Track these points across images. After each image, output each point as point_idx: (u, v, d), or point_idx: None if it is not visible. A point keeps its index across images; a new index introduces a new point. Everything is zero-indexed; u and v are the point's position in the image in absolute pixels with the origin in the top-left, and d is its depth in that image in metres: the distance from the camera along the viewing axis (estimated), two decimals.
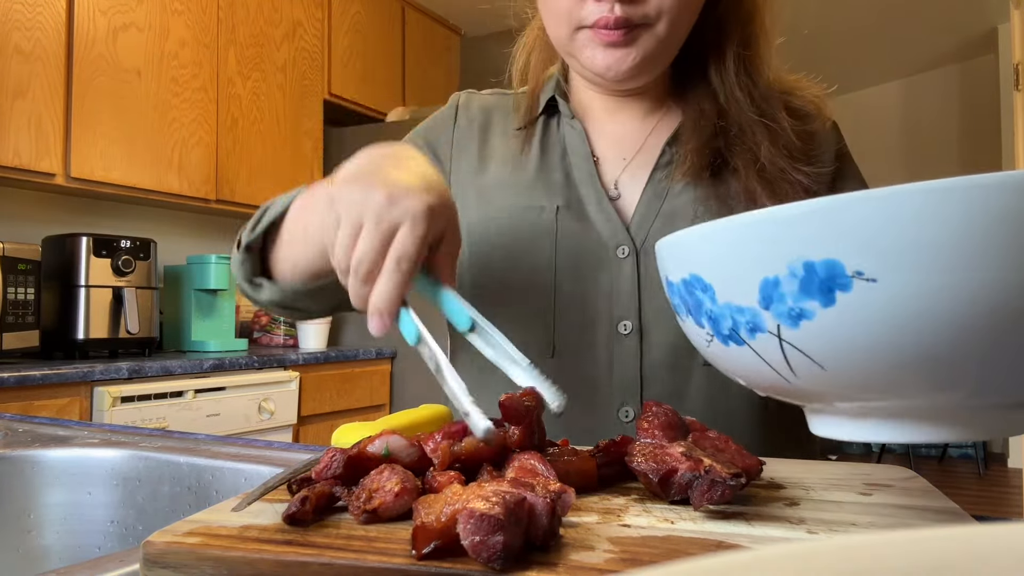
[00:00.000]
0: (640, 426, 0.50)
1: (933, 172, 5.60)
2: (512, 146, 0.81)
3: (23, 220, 2.41)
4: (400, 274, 0.49)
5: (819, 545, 0.15)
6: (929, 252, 0.27)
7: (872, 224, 0.28)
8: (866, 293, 0.28)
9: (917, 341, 0.28)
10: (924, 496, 0.47)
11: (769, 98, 0.75)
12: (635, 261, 0.73)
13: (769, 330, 0.31)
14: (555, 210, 0.75)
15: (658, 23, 0.68)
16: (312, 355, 2.60)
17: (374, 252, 0.49)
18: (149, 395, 2.03)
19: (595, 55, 0.70)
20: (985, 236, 0.27)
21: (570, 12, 0.69)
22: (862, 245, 0.28)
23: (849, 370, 0.30)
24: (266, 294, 0.71)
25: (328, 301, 0.73)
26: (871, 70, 5.47)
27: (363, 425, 0.60)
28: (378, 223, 0.49)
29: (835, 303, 0.29)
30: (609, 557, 0.36)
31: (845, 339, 0.29)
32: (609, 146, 0.79)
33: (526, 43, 0.85)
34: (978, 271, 0.27)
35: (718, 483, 0.41)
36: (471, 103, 0.87)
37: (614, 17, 0.66)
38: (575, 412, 0.72)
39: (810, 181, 0.72)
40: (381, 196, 0.49)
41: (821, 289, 0.29)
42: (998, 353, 0.28)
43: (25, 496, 0.75)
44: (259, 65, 2.82)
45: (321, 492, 0.42)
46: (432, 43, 3.78)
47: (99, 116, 2.29)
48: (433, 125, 0.88)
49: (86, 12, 2.25)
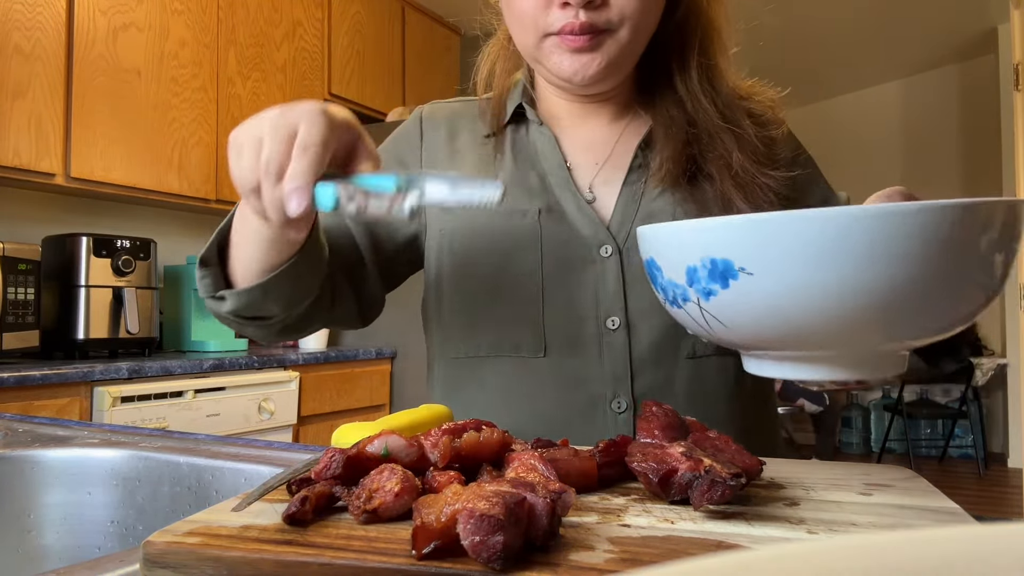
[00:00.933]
0: (640, 426, 0.50)
1: (933, 172, 5.60)
2: (483, 153, 0.83)
3: (23, 220, 2.41)
4: (307, 156, 0.50)
5: (819, 545, 0.15)
6: (788, 259, 0.41)
7: (752, 238, 0.41)
8: (748, 282, 0.42)
9: (783, 316, 0.43)
10: (924, 496, 0.47)
11: (732, 105, 0.79)
12: (619, 260, 0.76)
13: (692, 300, 0.46)
14: (537, 213, 0.77)
15: (621, 29, 0.71)
16: (312, 355, 2.60)
17: (279, 153, 0.51)
18: (149, 395, 2.03)
19: (562, 61, 0.72)
20: (825, 251, 0.40)
21: (536, 19, 0.71)
22: (745, 251, 0.42)
23: (743, 330, 0.45)
24: (228, 304, 0.71)
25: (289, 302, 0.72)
26: (871, 70, 5.47)
27: (363, 425, 0.60)
28: (276, 130, 0.51)
29: (730, 287, 0.43)
30: (609, 557, 0.36)
31: (737, 310, 0.44)
32: (580, 151, 0.82)
33: (490, 53, 0.87)
34: (820, 272, 0.40)
35: (718, 483, 0.41)
36: (435, 114, 0.88)
37: (579, 23, 0.69)
38: (570, 406, 0.76)
39: (777, 184, 0.76)
40: (274, 112, 0.52)
41: (721, 276, 0.43)
42: (840, 326, 0.42)
43: (25, 496, 0.75)
44: (259, 65, 2.83)
45: (321, 492, 0.42)
46: (432, 43, 3.78)
47: (99, 116, 2.29)
48: (399, 142, 0.88)
49: (86, 12, 2.25)
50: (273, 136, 0.51)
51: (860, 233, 0.39)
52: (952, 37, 5.04)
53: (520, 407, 0.77)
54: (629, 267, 0.75)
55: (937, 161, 5.62)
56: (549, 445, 0.52)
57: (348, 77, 3.23)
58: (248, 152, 0.52)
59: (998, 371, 4.76)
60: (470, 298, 0.79)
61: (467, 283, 0.79)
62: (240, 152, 0.53)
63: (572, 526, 0.41)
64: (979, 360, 4.75)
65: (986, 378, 4.75)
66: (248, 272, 0.68)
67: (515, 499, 0.35)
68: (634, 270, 0.75)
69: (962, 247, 0.41)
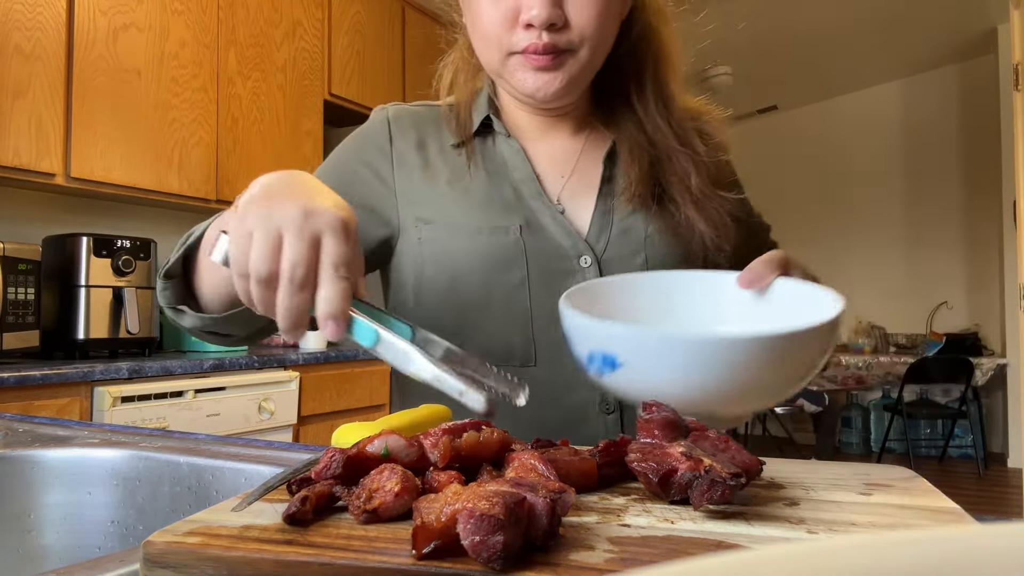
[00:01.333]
0: (640, 426, 0.50)
1: (933, 172, 5.60)
2: (455, 164, 0.84)
3: (23, 220, 2.41)
4: (342, 280, 0.48)
5: (819, 545, 0.15)
6: (653, 362, 0.54)
7: (627, 343, 0.55)
8: (624, 370, 0.56)
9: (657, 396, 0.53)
10: (924, 496, 0.47)
11: (685, 127, 0.84)
12: (598, 270, 0.79)
13: (593, 373, 0.59)
14: (519, 228, 0.80)
15: (581, 48, 0.75)
16: (312, 355, 2.60)
17: (307, 260, 0.48)
18: (149, 395, 2.03)
19: (526, 78, 0.76)
20: (678, 361, 0.53)
21: (500, 39, 0.75)
22: (624, 351, 0.55)
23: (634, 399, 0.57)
24: (188, 320, 0.72)
25: (248, 326, 0.74)
26: (871, 70, 5.47)
27: (363, 425, 0.60)
28: (300, 232, 0.48)
29: (614, 371, 0.56)
30: (609, 557, 0.36)
31: (625, 388, 0.58)
32: (546, 164, 0.85)
33: (453, 60, 0.90)
34: (677, 373, 0.53)
35: (718, 483, 0.41)
36: (401, 117, 0.88)
37: (542, 43, 0.73)
38: (561, 410, 0.78)
39: (731, 206, 0.82)
40: (296, 208, 0.48)
41: (607, 364, 0.56)
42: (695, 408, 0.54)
43: (25, 496, 0.75)
44: (259, 65, 2.83)
45: (321, 492, 0.42)
46: (432, 43, 3.78)
47: (99, 116, 2.29)
48: (364, 143, 0.88)
49: (86, 12, 2.25)
50: (298, 237, 0.48)
51: (706, 351, 0.52)
52: (952, 37, 5.04)
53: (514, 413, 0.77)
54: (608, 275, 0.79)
55: (937, 161, 5.62)
56: (549, 445, 0.52)
57: (348, 77, 3.23)
58: (262, 242, 0.48)
59: (998, 371, 4.76)
60: (457, 311, 0.80)
61: (453, 296, 0.80)
62: (250, 236, 0.49)
63: (572, 526, 0.41)
64: (979, 360, 4.75)
65: (986, 378, 4.75)
66: (213, 294, 0.69)
67: (515, 499, 0.35)
68: None
69: (785, 361, 0.54)
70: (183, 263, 0.72)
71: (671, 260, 0.81)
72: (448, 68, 0.90)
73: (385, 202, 0.84)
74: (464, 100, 0.87)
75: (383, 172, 0.85)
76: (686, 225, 0.81)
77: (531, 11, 0.72)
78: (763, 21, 4.09)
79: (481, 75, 0.88)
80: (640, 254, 0.80)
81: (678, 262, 0.81)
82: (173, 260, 0.71)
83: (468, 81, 0.88)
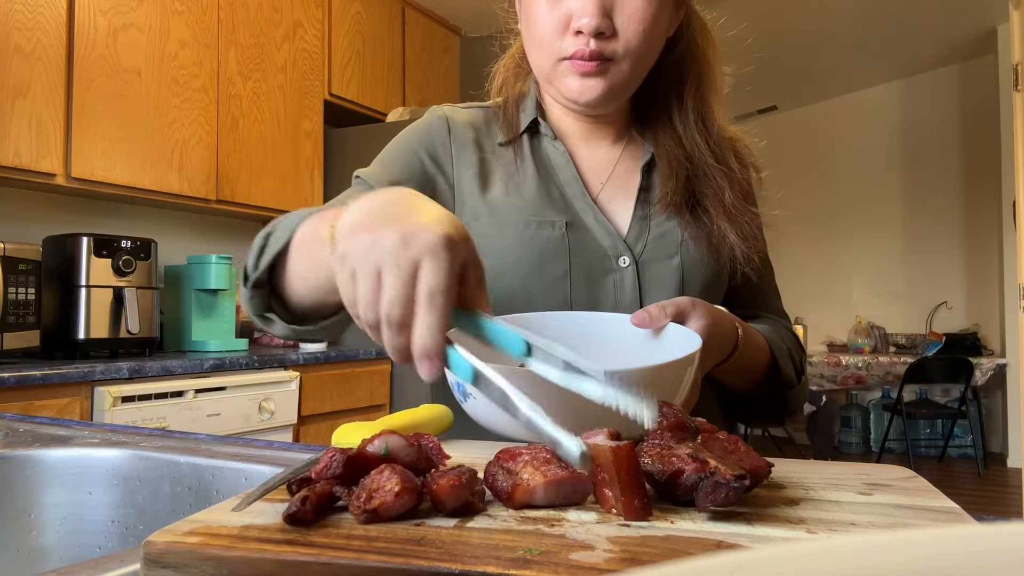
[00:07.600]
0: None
1: (933, 172, 5.60)
2: (506, 163, 0.88)
3: (24, 220, 2.41)
4: (436, 310, 0.46)
5: (819, 545, 0.15)
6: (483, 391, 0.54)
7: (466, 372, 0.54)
8: (474, 401, 0.63)
9: (491, 425, 0.63)
10: (924, 496, 0.47)
11: (721, 146, 0.88)
12: (635, 270, 0.83)
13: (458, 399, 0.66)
14: (564, 225, 0.84)
15: (625, 60, 0.79)
16: (312, 355, 2.60)
17: (403, 296, 0.46)
18: (149, 395, 2.03)
19: (571, 82, 0.81)
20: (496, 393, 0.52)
21: (552, 44, 0.80)
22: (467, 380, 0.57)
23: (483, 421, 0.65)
24: (278, 329, 0.70)
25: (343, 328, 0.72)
26: (871, 70, 5.46)
27: (363, 425, 0.60)
28: (398, 265, 0.46)
29: (467, 401, 0.64)
30: (609, 557, 0.36)
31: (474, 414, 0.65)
32: (586, 167, 0.89)
33: (504, 64, 0.96)
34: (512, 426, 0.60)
35: (722, 485, 0.41)
36: (456, 117, 0.91)
37: (589, 50, 0.77)
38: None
39: (758, 220, 0.87)
40: (394, 237, 0.46)
41: (463, 393, 0.64)
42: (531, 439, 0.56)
43: (25, 496, 0.75)
44: (259, 65, 2.82)
45: (321, 492, 0.42)
46: (432, 43, 3.78)
47: (100, 116, 2.29)
48: (427, 136, 0.89)
49: (86, 12, 2.25)
50: (395, 275, 0.46)
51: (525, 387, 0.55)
52: (952, 37, 5.04)
53: None
54: (645, 277, 0.84)
55: (937, 161, 5.62)
56: None
57: (348, 77, 3.23)
58: (365, 283, 0.47)
59: (997, 371, 4.76)
60: (499, 303, 0.82)
61: (496, 288, 0.81)
62: (354, 277, 0.48)
63: (572, 525, 0.41)
64: (978, 360, 4.75)
65: (986, 378, 4.75)
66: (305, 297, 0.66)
67: None
68: (649, 280, 0.84)
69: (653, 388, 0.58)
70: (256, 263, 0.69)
71: (704, 266, 0.85)
72: (499, 71, 0.95)
73: (444, 194, 0.87)
74: (512, 101, 0.92)
75: (445, 166, 0.88)
76: (718, 235, 0.85)
77: (582, 19, 0.76)
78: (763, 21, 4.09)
79: (528, 79, 0.93)
80: (676, 257, 0.84)
81: (710, 268, 0.85)
82: (263, 268, 0.67)
83: (516, 84, 0.93)
